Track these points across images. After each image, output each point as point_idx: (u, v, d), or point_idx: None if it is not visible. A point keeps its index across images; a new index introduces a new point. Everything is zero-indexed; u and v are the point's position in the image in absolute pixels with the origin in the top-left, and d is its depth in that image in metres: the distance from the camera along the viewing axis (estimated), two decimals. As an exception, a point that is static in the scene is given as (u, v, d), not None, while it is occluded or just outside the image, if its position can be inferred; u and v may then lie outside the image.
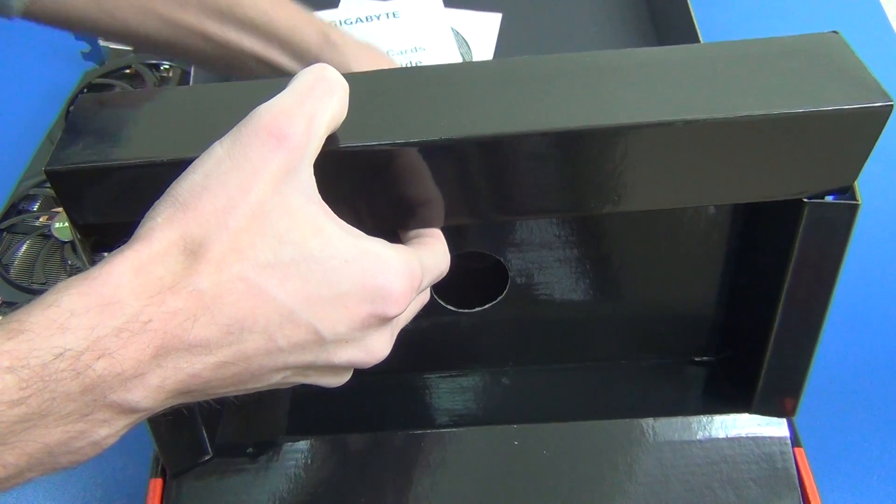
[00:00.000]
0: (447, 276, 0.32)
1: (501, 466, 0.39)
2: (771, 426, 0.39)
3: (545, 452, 0.39)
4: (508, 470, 0.39)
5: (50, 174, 0.29)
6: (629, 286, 0.42)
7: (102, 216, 0.31)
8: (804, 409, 0.39)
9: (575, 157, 0.30)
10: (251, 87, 0.32)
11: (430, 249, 0.31)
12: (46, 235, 0.59)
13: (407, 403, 0.43)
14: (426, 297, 0.32)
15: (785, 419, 0.39)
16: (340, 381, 0.29)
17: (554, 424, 0.40)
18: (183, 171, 0.26)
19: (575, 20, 0.69)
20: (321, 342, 0.26)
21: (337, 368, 0.28)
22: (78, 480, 0.48)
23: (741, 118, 0.29)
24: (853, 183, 0.32)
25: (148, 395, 0.23)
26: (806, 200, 0.32)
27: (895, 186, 0.62)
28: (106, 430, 0.24)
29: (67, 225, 0.58)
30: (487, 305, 0.41)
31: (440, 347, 0.44)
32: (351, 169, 0.30)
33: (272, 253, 0.24)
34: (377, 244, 0.27)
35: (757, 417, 0.39)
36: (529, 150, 0.30)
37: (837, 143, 0.30)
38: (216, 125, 0.26)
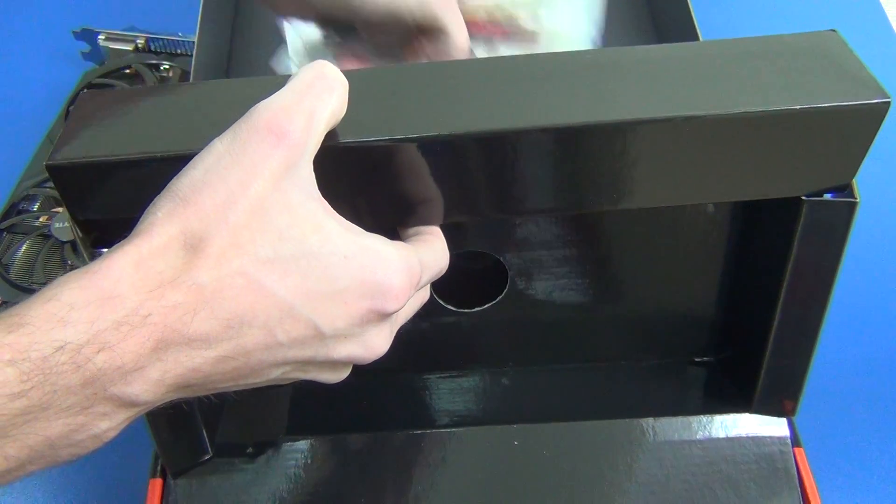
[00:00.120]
0: (447, 275, 0.32)
1: (501, 466, 0.39)
2: (771, 426, 0.39)
3: (545, 452, 0.39)
4: (508, 470, 0.39)
5: (51, 168, 0.29)
6: (629, 286, 0.42)
7: (103, 212, 0.31)
8: (804, 409, 0.39)
9: (573, 153, 0.30)
10: (251, 83, 0.32)
11: (429, 246, 0.31)
12: (46, 235, 0.59)
13: (407, 403, 0.43)
14: (426, 294, 0.32)
15: (785, 419, 0.39)
16: (339, 376, 0.29)
17: (554, 424, 0.40)
18: (183, 166, 0.26)
19: (575, 20, 0.68)
20: (320, 338, 0.26)
21: (336, 364, 0.28)
22: (78, 480, 0.48)
23: (739, 115, 0.29)
24: (851, 181, 0.32)
25: (148, 388, 0.23)
26: (804, 198, 0.32)
27: (895, 185, 0.62)
28: (106, 423, 0.24)
29: (67, 225, 0.58)
30: (487, 305, 0.41)
31: (440, 348, 0.44)
32: (350, 165, 0.30)
33: (272, 248, 0.24)
34: (376, 241, 0.27)
35: (757, 417, 0.39)
36: (529, 146, 0.30)
37: (835, 140, 0.30)
38: (217, 121, 0.26)
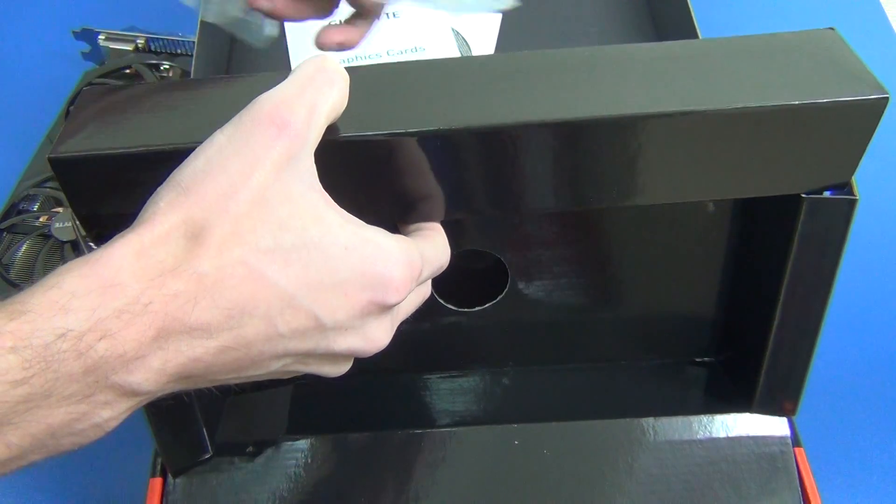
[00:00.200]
0: (448, 275, 0.32)
1: (502, 466, 0.39)
2: (771, 426, 0.39)
3: (546, 452, 0.39)
4: (509, 469, 0.39)
5: (53, 161, 0.29)
6: (629, 287, 0.42)
7: (105, 206, 0.31)
8: (804, 409, 0.39)
9: (573, 148, 0.30)
10: (252, 79, 0.32)
11: (430, 241, 0.31)
12: (46, 235, 0.59)
13: (407, 403, 0.43)
14: (427, 290, 0.32)
15: (785, 419, 0.39)
16: (340, 370, 0.29)
17: (554, 424, 0.40)
18: (185, 159, 0.26)
19: (575, 21, 0.69)
20: (321, 329, 0.26)
21: (337, 356, 0.28)
22: (78, 480, 0.48)
23: (738, 110, 0.29)
24: (850, 178, 0.32)
25: (149, 377, 0.23)
26: (804, 196, 0.32)
27: (894, 185, 0.62)
28: (108, 412, 0.24)
29: (67, 225, 0.58)
30: (487, 305, 0.41)
31: (441, 348, 0.44)
32: (351, 160, 0.30)
33: (272, 238, 0.24)
34: (377, 233, 0.27)
35: (757, 417, 0.39)
36: (528, 141, 0.30)
37: (834, 136, 0.30)
38: (218, 115, 0.26)
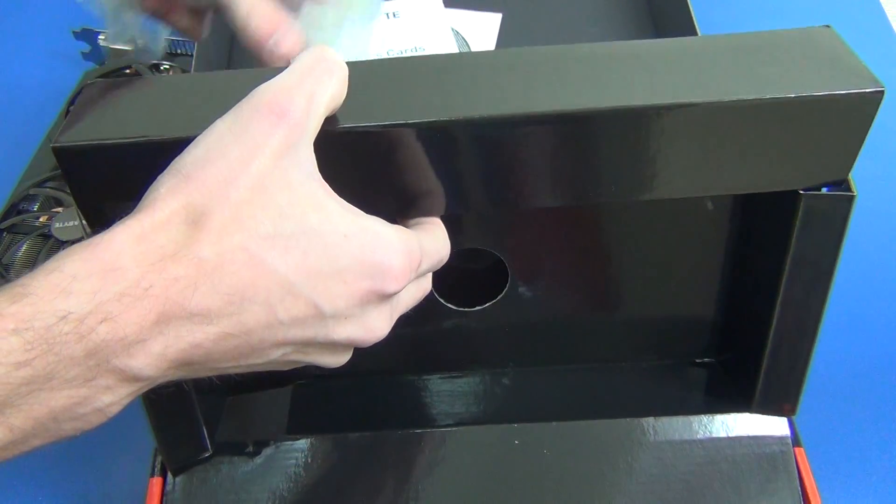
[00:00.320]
0: (448, 275, 0.32)
1: (502, 466, 0.39)
2: (771, 426, 0.39)
3: (546, 452, 0.39)
4: (509, 469, 0.39)
5: (57, 150, 0.29)
6: (629, 288, 0.42)
7: (107, 196, 0.31)
8: (804, 409, 0.39)
9: (572, 141, 0.30)
10: (254, 72, 0.32)
11: (430, 234, 0.31)
12: (46, 235, 0.59)
13: (407, 404, 0.43)
14: (427, 285, 0.32)
15: (785, 419, 0.39)
16: (340, 360, 0.29)
17: (554, 424, 0.40)
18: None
19: (575, 21, 0.69)
20: (321, 317, 0.26)
21: (336, 346, 0.28)
22: (78, 480, 0.48)
23: (734, 102, 0.29)
24: (847, 176, 0.32)
25: (150, 362, 0.24)
26: (802, 192, 0.33)
27: (893, 185, 0.62)
28: (109, 396, 0.24)
29: (67, 225, 0.58)
30: (488, 304, 0.41)
31: (441, 349, 0.44)
32: (351, 151, 0.30)
33: (272, 225, 0.25)
34: (376, 222, 0.27)
35: (757, 417, 0.39)
36: (524, 132, 0.30)
37: (830, 130, 0.30)
38: (220, 107, 0.27)
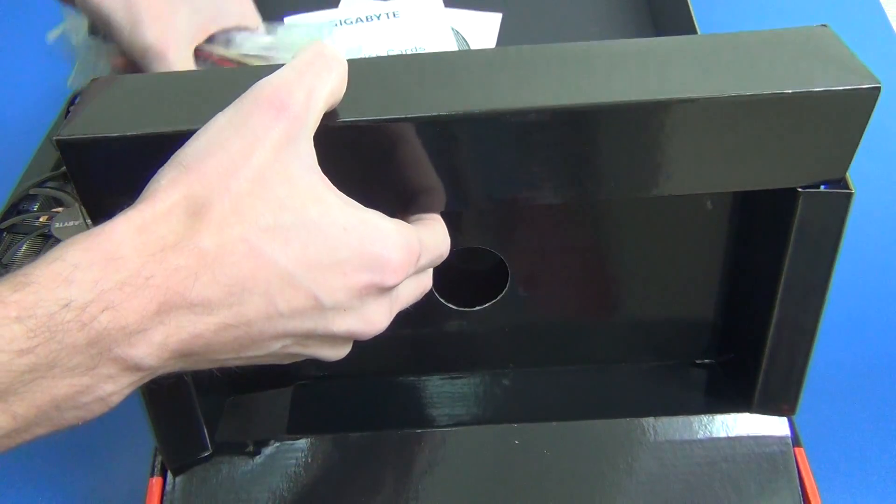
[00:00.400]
0: (448, 275, 0.32)
1: (502, 465, 0.39)
2: (771, 425, 0.39)
3: (546, 452, 0.39)
4: (509, 469, 0.39)
5: (60, 143, 0.30)
6: (629, 289, 0.42)
7: (110, 190, 0.31)
8: (804, 409, 0.39)
9: (571, 136, 0.31)
10: (256, 69, 0.32)
11: (429, 229, 0.31)
12: (46, 235, 0.59)
13: (407, 404, 0.43)
14: (428, 281, 0.32)
15: (785, 419, 0.39)
16: (340, 353, 0.30)
17: (554, 424, 0.40)
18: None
19: (575, 21, 0.69)
20: (320, 309, 0.26)
21: (336, 338, 0.28)
22: (78, 479, 0.48)
23: (732, 98, 0.29)
24: (845, 173, 0.32)
25: (151, 352, 0.24)
26: (800, 190, 0.33)
27: (893, 184, 0.62)
28: (111, 386, 0.24)
29: (68, 225, 0.58)
30: (488, 304, 0.41)
31: (441, 349, 0.44)
32: (351, 146, 0.30)
33: (272, 217, 0.25)
34: (376, 215, 0.27)
35: (757, 417, 0.39)
36: (524, 128, 0.30)
37: (828, 127, 0.31)
38: (221, 101, 0.27)
